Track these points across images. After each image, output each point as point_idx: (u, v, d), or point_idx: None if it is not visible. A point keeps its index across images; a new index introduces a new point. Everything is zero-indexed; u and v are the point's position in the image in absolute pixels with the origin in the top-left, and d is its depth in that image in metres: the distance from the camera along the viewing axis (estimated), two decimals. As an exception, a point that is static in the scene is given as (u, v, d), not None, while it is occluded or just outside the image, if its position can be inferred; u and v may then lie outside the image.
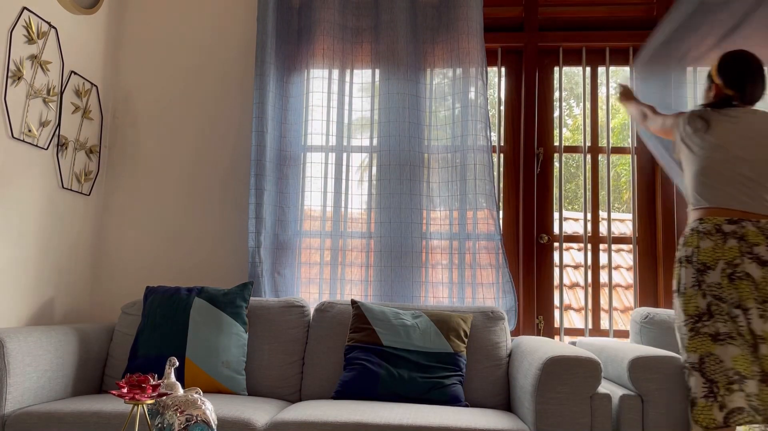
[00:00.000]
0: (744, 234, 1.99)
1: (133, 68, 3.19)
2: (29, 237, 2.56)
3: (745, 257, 1.96)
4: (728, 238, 1.99)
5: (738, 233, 1.99)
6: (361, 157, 3.03)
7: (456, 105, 2.94)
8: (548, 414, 1.99)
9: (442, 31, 2.99)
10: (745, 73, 2.22)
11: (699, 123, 2.20)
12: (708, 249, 2.00)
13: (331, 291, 2.92)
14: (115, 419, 2.01)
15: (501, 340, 2.53)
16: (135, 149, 3.14)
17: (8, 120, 2.41)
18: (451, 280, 2.87)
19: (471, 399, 2.44)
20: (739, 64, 2.24)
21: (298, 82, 3.03)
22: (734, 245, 1.98)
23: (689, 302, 2.02)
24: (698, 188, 2.13)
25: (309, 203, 2.97)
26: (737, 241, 1.98)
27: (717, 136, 2.15)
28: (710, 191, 2.10)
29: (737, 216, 2.03)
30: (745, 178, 2.08)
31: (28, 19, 2.50)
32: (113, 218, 3.10)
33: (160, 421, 1.59)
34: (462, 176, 2.88)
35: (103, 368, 2.61)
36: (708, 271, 1.99)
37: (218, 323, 2.49)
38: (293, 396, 2.53)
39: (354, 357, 2.42)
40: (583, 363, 2.00)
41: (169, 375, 1.69)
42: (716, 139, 2.15)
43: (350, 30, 3.04)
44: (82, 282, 2.96)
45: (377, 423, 1.95)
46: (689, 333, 2.00)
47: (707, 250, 2.00)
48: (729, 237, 1.99)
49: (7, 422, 2.05)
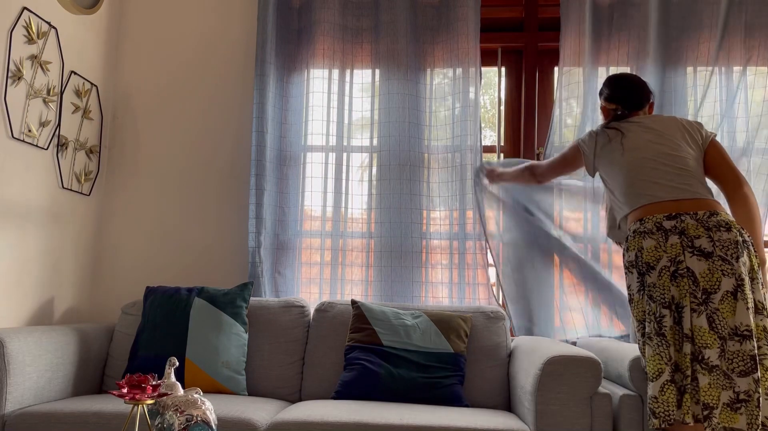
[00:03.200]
0: (684, 228, 1.95)
1: (133, 68, 3.19)
2: (29, 237, 2.56)
3: (686, 251, 1.93)
4: (669, 235, 1.95)
5: (678, 228, 1.95)
6: (361, 157, 3.03)
7: (456, 105, 2.94)
8: (548, 414, 1.99)
9: (442, 31, 2.99)
10: (618, 85, 2.37)
11: (611, 132, 2.26)
12: (651, 248, 1.97)
13: (331, 291, 2.92)
14: (115, 419, 2.01)
15: (501, 340, 2.53)
16: (135, 149, 3.14)
17: (8, 120, 2.41)
18: (451, 280, 2.87)
19: (471, 399, 2.44)
20: (612, 81, 2.39)
21: (298, 82, 3.03)
22: (676, 242, 1.94)
23: (637, 307, 2.00)
24: (631, 190, 2.12)
25: (309, 203, 2.98)
26: (678, 237, 1.94)
27: (632, 139, 2.19)
28: (644, 187, 2.08)
29: (675, 211, 1.99)
30: (673, 168, 2.09)
31: (28, 19, 2.50)
32: (113, 218, 3.10)
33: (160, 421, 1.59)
34: (462, 176, 2.88)
35: (103, 368, 2.61)
36: (650, 272, 1.96)
37: (218, 323, 2.49)
38: (293, 396, 2.53)
39: (354, 357, 2.42)
40: (584, 363, 2.00)
41: (169, 375, 1.69)
42: (633, 141, 2.18)
43: (350, 30, 3.04)
44: (82, 282, 2.96)
45: (377, 423, 1.95)
46: (642, 338, 1.98)
47: (650, 249, 1.97)
48: (670, 234, 1.95)
49: (7, 422, 2.05)
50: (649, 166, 2.12)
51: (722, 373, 1.84)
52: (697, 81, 2.87)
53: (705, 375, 1.84)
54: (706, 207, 2.01)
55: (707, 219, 1.96)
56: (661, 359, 1.88)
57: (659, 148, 2.14)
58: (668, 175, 2.08)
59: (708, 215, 1.97)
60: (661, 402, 1.85)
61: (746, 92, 2.84)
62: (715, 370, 1.84)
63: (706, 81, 2.85)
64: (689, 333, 1.88)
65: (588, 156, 2.31)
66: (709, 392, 1.82)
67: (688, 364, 1.86)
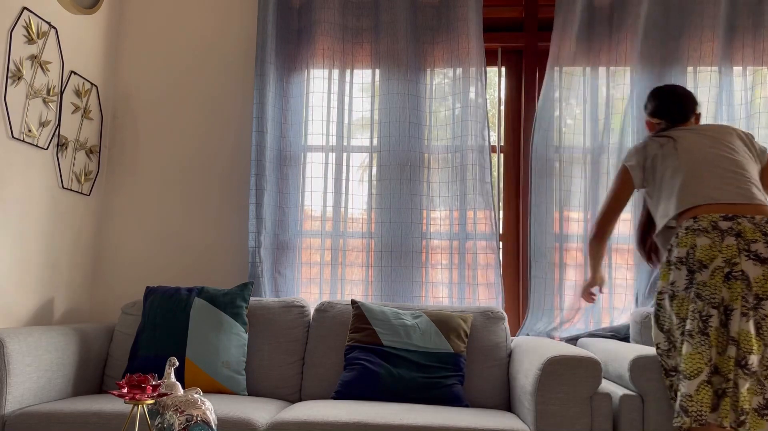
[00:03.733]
0: (741, 230, 1.92)
1: (133, 68, 3.19)
2: (29, 237, 2.56)
3: (742, 254, 1.90)
4: (725, 236, 1.93)
5: (734, 230, 1.93)
6: (362, 157, 3.03)
7: (456, 105, 2.94)
8: (548, 414, 1.99)
9: (442, 32, 2.99)
10: (663, 98, 2.35)
11: (662, 139, 2.23)
12: (705, 247, 1.94)
13: (331, 291, 2.92)
14: (115, 419, 2.01)
15: (501, 340, 2.53)
16: (135, 149, 3.14)
17: (8, 120, 2.41)
18: (451, 280, 2.87)
19: (471, 399, 2.44)
20: (656, 94, 2.37)
21: (298, 82, 3.03)
22: (732, 243, 1.91)
23: (682, 305, 1.97)
24: (685, 190, 2.08)
25: (309, 203, 2.98)
26: (735, 238, 1.92)
27: (686, 143, 2.16)
28: (700, 188, 2.05)
29: (731, 212, 1.97)
30: (731, 172, 2.07)
31: (28, 19, 2.50)
32: (113, 218, 3.10)
33: (160, 421, 1.59)
34: (462, 176, 2.88)
35: (103, 368, 2.61)
36: (702, 270, 1.93)
37: (218, 323, 2.49)
38: (293, 396, 2.53)
39: (354, 357, 2.42)
40: (584, 363, 2.00)
41: (169, 375, 1.69)
42: (687, 145, 2.16)
43: (350, 30, 3.04)
44: (82, 282, 2.96)
45: (377, 423, 1.95)
46: (681, 337, 1.96)
47: (704, 247, 1.94)
48: (726, 235, 1.93)
49: (7, 422, 2.05)
50: (705, 168, 2.09)
51: (757, 379, 1.84)
52: (697, 81, 2.88)
53: (745, 380, 1.83)
54: (763, 212, 1.99)
55: (765, 224, 1.94)
56: (701, 358, 1.86)
57: (716, 152, 2.12)
58: (725, 177, 2.06)
59: (766, 221, 1.94)
60: (696, 402, 1.83)
61: (746, 92, 2.84)
62: (753, 376, 1.83)
63: (706, 81, 2.85)
64: (735, 336, 1.86)
65: (636, 168, 2.26)
66: (747, 398, 1.82)
67: (731, 368, 1.84)
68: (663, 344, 2.02)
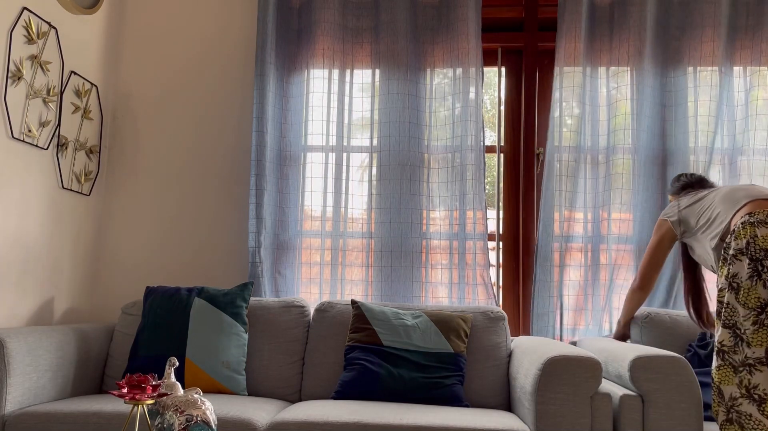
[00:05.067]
0: None
1: (133, 68, 3.19)
2: (29, 237, 2.56)
3: None
4: None
5: None
6: (361, 157, 3.03)
7: (456, 105, 2.94)
8: (548, 414, 1.99)
9: (441, 32, 3.00)
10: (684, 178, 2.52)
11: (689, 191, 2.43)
12: (766, 235, 1.95)
13: (331, 291, 2.92)
14: (115, 419, 2.01)
15: (501, 340, 2.53)
16: (135, 149, 3.14)
17: (8, 120, 2.41)
18: (451, 280, 2.87)
19: (471, 399, 2.44)
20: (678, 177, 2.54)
21: (298, 82, 3.03)
22: None
23: (749, 295, 1.95)
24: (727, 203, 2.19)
25: (309, 203, 2.98)
26: None
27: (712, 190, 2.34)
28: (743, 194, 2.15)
29: None
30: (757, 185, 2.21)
31: (28, 19, 2.50)
32: (113, 218, 3.10)
33: (160, 421, 1.59)
34: (462, 176, 2.88)
35: (103, 368, 2.61)
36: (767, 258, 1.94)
37: (218, 323, 2.49)
38: (293, 396, 2.53)
39: (354, 357, 2.42)
40: (584, 363, 2.00)
41: (169, 375, 1.69)
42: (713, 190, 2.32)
43: (350, 30, 3.04)
44: (82, 282, 2.96)
45: (377, 423, 1.95)
46: (753, 326, 1.93)
47: (766, 236, 1.95)
48: None
49: (7, 422, 2.05)
50: (740, 187, 2.22)
51: None
52: (697, 81, 2.88)
53: None
54: None
55: None
56: None
57: (745, 185, 2.25)
58: (759, 186, 2.19)
59: None
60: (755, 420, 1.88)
61: (746, 92, 2.84)
62: None
63: (706, 81, 2.85)
64: None
65: (673, 217, 2.40)
66: None
67: None
68: (728, 340, 1.99)
